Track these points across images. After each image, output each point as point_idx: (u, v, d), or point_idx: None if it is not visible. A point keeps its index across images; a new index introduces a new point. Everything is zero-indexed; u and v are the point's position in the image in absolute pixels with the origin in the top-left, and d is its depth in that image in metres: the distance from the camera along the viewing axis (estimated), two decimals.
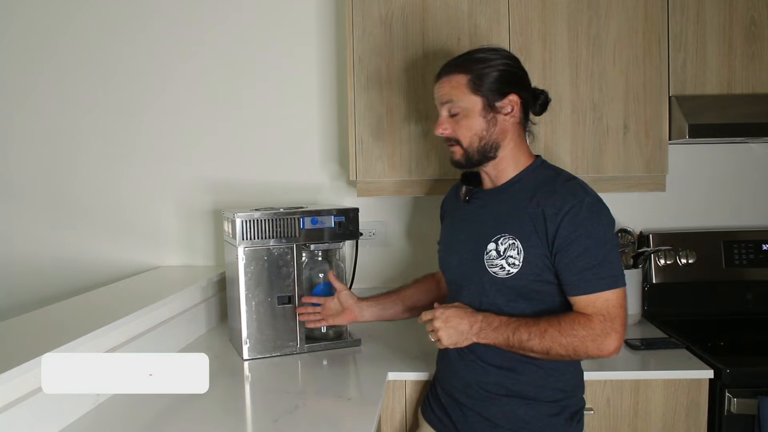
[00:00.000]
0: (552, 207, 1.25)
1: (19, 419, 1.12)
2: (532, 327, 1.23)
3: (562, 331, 1.21)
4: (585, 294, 1.23)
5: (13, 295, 2.21)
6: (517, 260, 1.27)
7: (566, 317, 1.23)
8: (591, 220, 1.24)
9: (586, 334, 1.20)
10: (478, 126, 1.33)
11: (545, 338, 1.21)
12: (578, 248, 1.22)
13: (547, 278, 1.27)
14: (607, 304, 1.22)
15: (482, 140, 1.34)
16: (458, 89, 1.34)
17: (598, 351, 1.21)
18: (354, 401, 1.41)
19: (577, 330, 1.21)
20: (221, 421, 1.30)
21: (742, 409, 1.53)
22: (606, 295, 1.22)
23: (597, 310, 1.22)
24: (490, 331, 1.27)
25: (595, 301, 1.22)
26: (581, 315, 1.23)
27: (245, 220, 1.66)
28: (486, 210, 1.37)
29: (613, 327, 1.21)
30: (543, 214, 1.25)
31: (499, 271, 1.29)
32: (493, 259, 1.30)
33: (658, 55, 1.78)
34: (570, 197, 1.25)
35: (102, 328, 1.34)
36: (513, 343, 1.24)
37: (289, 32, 2.13)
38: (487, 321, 1.27)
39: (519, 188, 1.34)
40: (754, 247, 2.04)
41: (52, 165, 2.22)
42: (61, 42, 2.18)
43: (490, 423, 1.32)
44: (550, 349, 1.22)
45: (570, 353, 1.22)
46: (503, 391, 1.31)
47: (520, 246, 1.27)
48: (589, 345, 1.21)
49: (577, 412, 1.34)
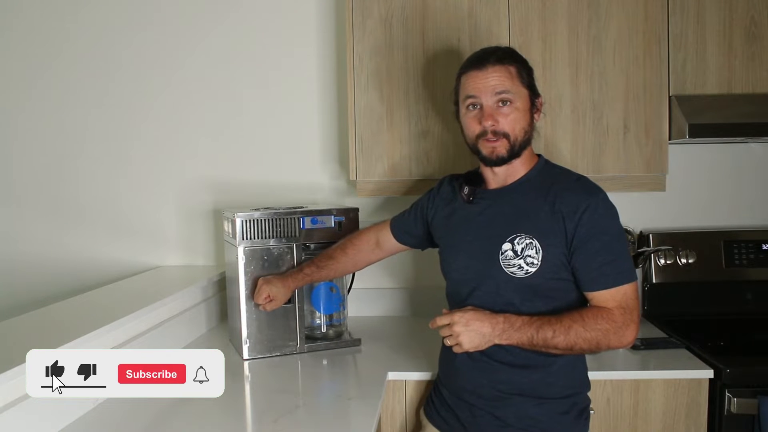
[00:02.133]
0: (569, 205, 1.27)
1: (19, 419, 1.12)
2: (555, 324, 1.23)
3: (587, 326, 1.22)
4: (606, 288, 1.25)
5: (13, 295, 2.21)
6: (536, 259, 1.27)
7: (589, 312, 1.25)
8: (606, 216, 1.27)
9: (609, 327, 1.23)
10: (525, 120, 1.33)
11: (570, 334, 1.22)
12: (596, 244, 1.25)
13: (563, 276, 1.29)
14: (626, 297, 1.25)
15: (525, 134, 1.34)
16: (513, 80, 1.32)
17: (618, 342, 1.24)
18: (354, 401, 1.41)
19: (600, 324, 1.23)
20: (221, 421, 1.30)
21: (742, 409, 1.53)
22: (624, 289, 1.25)
23: (618, 303, 1.24)
24: (513, 331, 1.26)
25: (615, 295, 1.25)
26: (603, 309, 1.24)
27: (245, 220, 1.66)
28: (495, 210, 1.36)
29: (632, 318, 1.24)
30: (561, 212, 1.27)
31: (517, 270, 1.29)
32: (510, 259, 1.29)
33: (658, 55, 1.78)
34: (586, 195, 1.28)
35: (102, 328, 1.34)
36: (537, 342, 1.24)
37: (289, 32, 2.13)
38: (509, 322, 1.26)
39: (529, 187, 1.34)
40: (754, 247, 2.04)
41: (53, 165, 2.22)
42: (62, 43, 2.18)
43: (500, 422, 1.32)
44: (575, 344, 1.23)
45: (593, 347, 1.24)
46: (515, 390, 1.31)
47: (538, 245, 1.27)
48: (611, 337, 1.23)
49: (584, 410, 1.35)
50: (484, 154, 1.35)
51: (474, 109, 1.34)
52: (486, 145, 1.33)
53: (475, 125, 1.34)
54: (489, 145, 1.33)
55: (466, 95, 1.35)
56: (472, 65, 1.35)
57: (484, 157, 1.35)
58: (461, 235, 1.41)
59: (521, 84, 1.33)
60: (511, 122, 1.31)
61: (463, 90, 1.37)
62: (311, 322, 1.79)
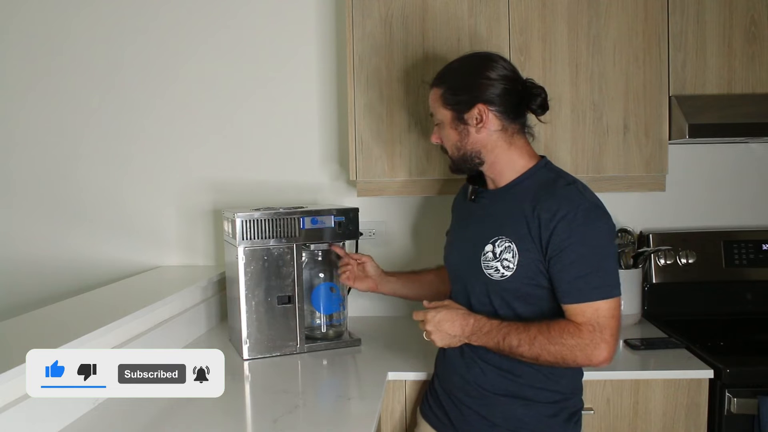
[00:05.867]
0: (547, 212, 1.23)
1: (19, 419, 1.12)
2: (522, 333, 1.22)
3: (551, 339, 1.20)
4: (576, 303, 1.21)
5: (13, 295, 2.21)
6: (511, 263, 1.27)
7: (556, 325, 1.22)
8: (586, 226, 1.21)
9: (575, 344, 1.19)
10: (453, 137, 1.37)
11: (534, 345, 1.21)
12: (571, 255, 1.21)
13: (541, 282, 1.26)
14: (597, 314, 1.19)
15: (460, 150, 1.37)
16: (435, 102, 1.39)
17: (587, 360, 1.20)
18: (354, 401, 1.41)
19: (566, 339, 1.19)
20: (221, 421, 1.30)
21: (742, 409, 1.53)
22: (597, 305, 1.20)
23: (587, 319, 1.20)
24: (481, 335, 1.27)
25: (585, 311, 1.20)
26: (571, 324, 1.21)
27: (245, 220, 1.66)
28: (488, 210, 1.38)
29: (603, 337, 1.18)
30: (539, 218, 1.24)
31: (494, 273, 1.29)
32: (489, 260, 1.30)
33: (658, 55, 1.78)
34: (566, 202, 1.23)
35: (102, 328, 1.34)
36: (503, 348, 1.24)
37: (289, 32, 2.13)
38: (479, 325, 1.28)
39: (520, 190, 1.32)
40: (754, 247, 2.04)
41: (53, 165, 2.21)
42: (63, 43, 2.18)
43: (488, 422, 1.32)
44: (539, 356, 1.21)
45: (558, 361, 1.21)
46: (502, 391, 1.31)
47: (515, 249, 1.27)
48: (578, 354, 1.19)
49: (574, 414, 1.34)
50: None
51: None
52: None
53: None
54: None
55: None
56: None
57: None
58: (460, 232, 1.45)
59: (442, 105, 1.37)
60: (444, 139, 1.40)
61: None
62: (311, 322, 1.79)
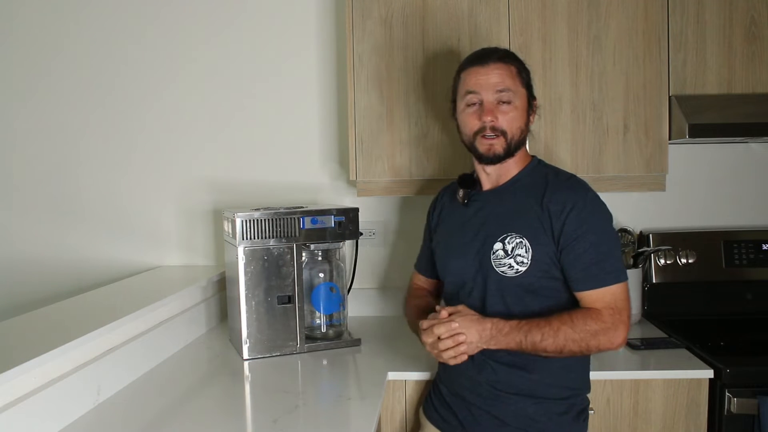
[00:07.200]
0: (556, 204, 1.27)
1: (19, 419, 1.12)
2: (544, 327, 1.23)
3: (575, 328, 1.22)
4: (593, 289, 1.25)
5: (13, 295, 2.21)
6: (525, 258, 1.28)
7: (577, 313, 1.24)
8: (594, 215, 1.26)
9: (599, 329, 1.22)
10: (522, 119, 1.34)
11: (559, 337, 1.22)
12: (584, 244, 1.25)
13: (554, 274, 1.29)
14: (615, 297, 1.24)
15: (523, 133, 1.35)
16: (514, 79, 1.33)
17: (609, 344, 1.23)
18: (354, 401, 1.41)
19: (589, 325, 1.22)
20: (221, 421, 1.30)
21: (742, 409, 1.53)
22: (613, 289, 1.25)
23: (606, 304, 1.24)
24: (501, 337, 1.26)
25: (604, 296, 1.24)
26: (592, 310, 1.24)
27: (245, 220, 1.66)
28: (487, 211, 1.38)
29: (622, 319, 1.24)
30: (549, 211, 1.27)
31: (507, 270, 1.30)
32: (501, 258, 1.30)
33: (658, 55, 1.78)
34: (572, 194, 1.28)
35: (102, 328, 1.34)
36: (526, 346, 1.24)
37: (289, 32, 2.13)
38: (498, 327, 1.26)
39: (521, 187, 1.35)
40: (754, 247, 2.04)
41: (53, 165, 2.22)
42: (63, 43, 2.18)
43: (498, 421, 1.32)
44: (564, 347, 1.23)
45: (582, 349, 1.23)
46: (513, 390, 1.31)
47: (528, 244, 1.28)
48: (601, 339, 1.23)
49: (583, 411, 1.35)
50: (480, 152, 1.35)
51: (473, 105, 1.34)
52: (483, 142, 1.33)
53: (474, 121, 1.34)
54: (486, 142, 1.33)
55: (466, 90, 1.35)
56: (473, 62, 1.36)
57: (480, 155, 1.36)
58: (457, 237, 1.42)
59: (521, 84, 1.34)
60: (510, 120, 1.32)
61: (463, 86, 1.37)
62: (311, 322, 1.79)
